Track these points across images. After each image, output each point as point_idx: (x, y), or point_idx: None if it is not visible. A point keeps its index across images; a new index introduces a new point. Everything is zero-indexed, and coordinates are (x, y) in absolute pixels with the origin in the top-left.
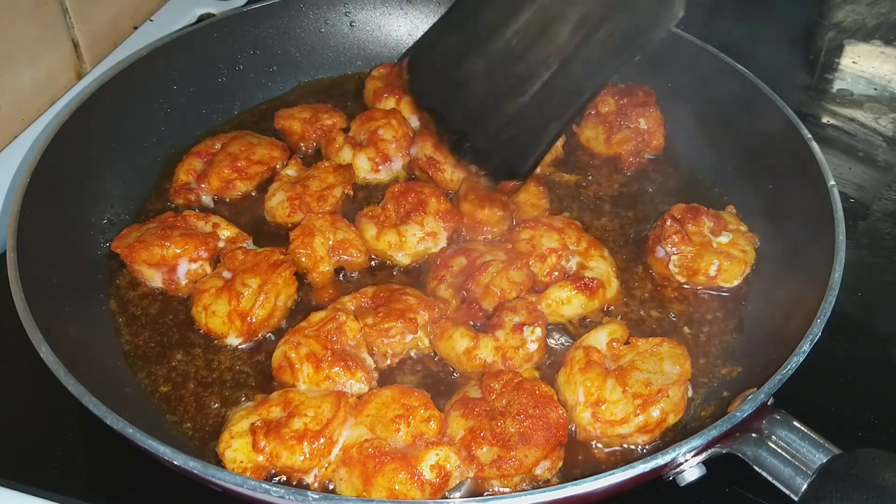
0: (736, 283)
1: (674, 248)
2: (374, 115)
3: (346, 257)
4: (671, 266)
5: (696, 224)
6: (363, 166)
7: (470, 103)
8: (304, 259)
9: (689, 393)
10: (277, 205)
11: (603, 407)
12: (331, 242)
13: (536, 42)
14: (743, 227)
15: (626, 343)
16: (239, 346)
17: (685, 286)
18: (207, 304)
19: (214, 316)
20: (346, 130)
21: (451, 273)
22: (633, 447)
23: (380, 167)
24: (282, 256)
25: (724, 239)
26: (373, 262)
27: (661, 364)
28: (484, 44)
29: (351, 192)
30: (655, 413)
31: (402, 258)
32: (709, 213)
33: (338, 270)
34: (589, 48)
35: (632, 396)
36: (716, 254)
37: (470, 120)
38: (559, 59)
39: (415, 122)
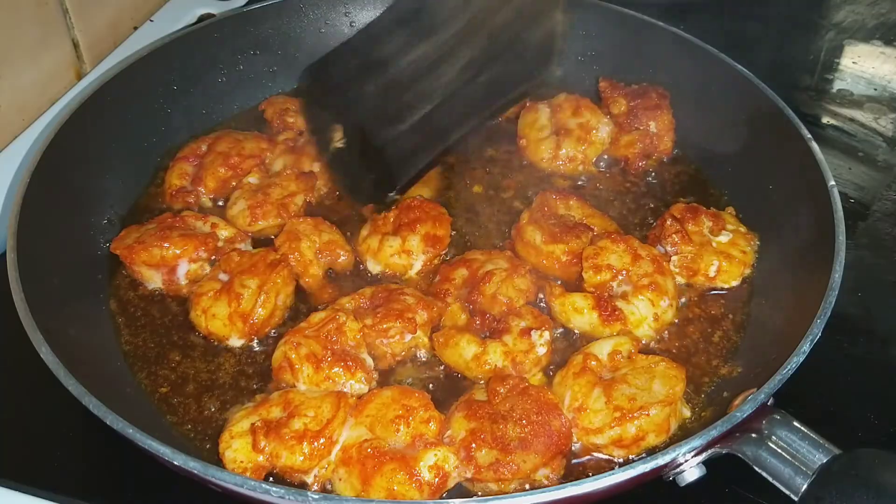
0: (735, 283)
1: (674, 248)
2: None
3: (333, 258)
4: (671, 266)
5: (695, 224)
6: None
7: (355, 121)
8: (293, 263)
9: (686, 414)
10: (238, 213)
11: (583, 413)
12: (317, 245)
13: (426, 75)
14: (742, 228)
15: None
16: (241, 347)
17: (685, 286)
18: (207, 306)
19: (215, 318)
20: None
21: (455, 286)
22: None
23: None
24: (278, 256)
25: (723, 238)
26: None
27: (650, 382)
28: (379, 69)
29: (313, 200)
30: (632, 429)
31: (372, 265)
32: (708, 212)
33: (327, 272)
34: (471, 88)
35: (613, 409)
36: (715, 254)
37: (352, 137)
38: (442, 94)
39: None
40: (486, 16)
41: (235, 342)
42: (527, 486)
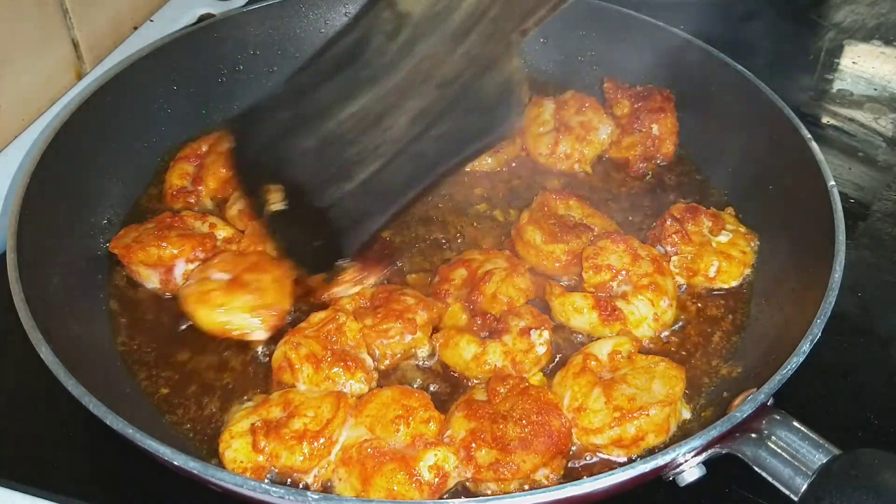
0: (734, 283)
1: (674, 248)
2: None
3: None
4: (671, 266)
5: (695, 224)
6: None
7: (294, 180)
8: None
9: (686, 415)
10: (238, 214)
11: (583, 413)
12: None
13: (371, 129)
14: (742, 228)
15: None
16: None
17: (685, 286)
18: (223, 301)
19: (235, 311)
20: None
21: (455, 286)
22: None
23: None
24: (262, 248)
25: (723, 238)
26: None
27: (650, 382)
28: (316, 122)
29: None
30: (631, 429)
31: None
32: (708, 212)
33: None
34: (423, 143)
35: (612, 409)
36: (715, 254)
37: (293, 198)
38: (393, 149)
39: None
40: (432, 64)
41: (261, 335)
42: (527, 487)
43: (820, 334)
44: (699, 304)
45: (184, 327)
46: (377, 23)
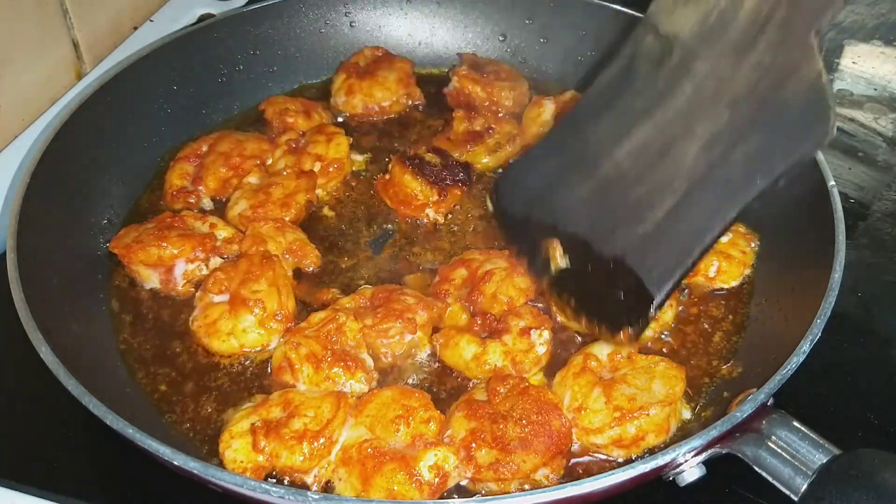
0: (734, 283)
1: None
2: (324, 129)
3: (299, 257)
4: None
5: None
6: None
7: (574, 232)
8: None
9: (686, 415)
10: (239, 214)
11: (583, 413)
12: (283, 245)
13: (657, 163)
14: (742, 228)
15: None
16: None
17: (685, 286)
18: (231, 328)
19: (245, 333)
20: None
21: (455, 286)
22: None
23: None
24: (264, 248)
25: (723, 238)
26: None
27: (651, 382)
28: (588, 166)
29: (315, 199)
30: (631, 429)
31: None
32: None
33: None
34: (725, 168)
35: (613, 409)
36: (715, 254)
37: (577, 252)
38: (689, 180)
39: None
40: (717, 82)
41: (278, 341)
42: (527, 486)
43: (820, 334)
44: (699, 304)
45: (183, 327)
46: (640, 50)
